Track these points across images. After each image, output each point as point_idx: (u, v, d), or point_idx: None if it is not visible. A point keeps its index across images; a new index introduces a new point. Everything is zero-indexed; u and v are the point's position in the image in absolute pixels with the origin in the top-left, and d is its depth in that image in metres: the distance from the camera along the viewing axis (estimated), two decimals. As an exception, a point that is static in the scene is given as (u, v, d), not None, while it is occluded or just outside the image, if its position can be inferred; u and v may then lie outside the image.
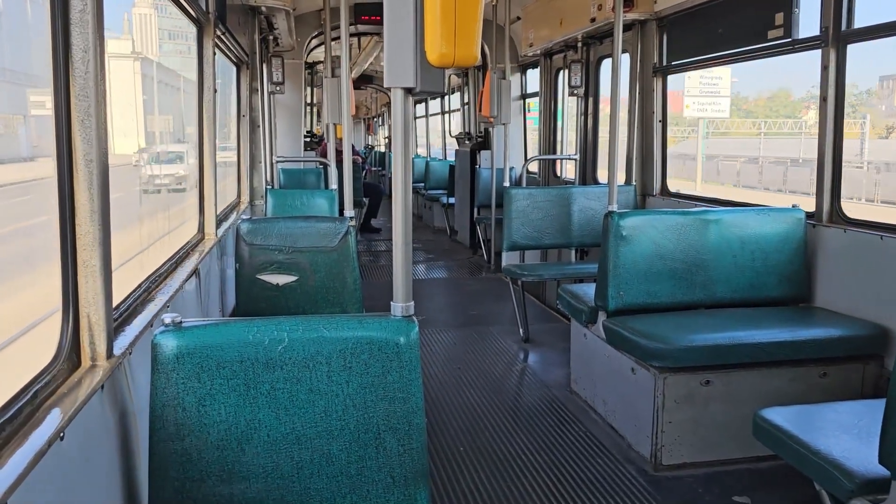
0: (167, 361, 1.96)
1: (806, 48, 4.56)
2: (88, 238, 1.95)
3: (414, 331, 2.07)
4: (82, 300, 1.96)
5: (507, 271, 6.23)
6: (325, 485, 2.04)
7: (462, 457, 3.93)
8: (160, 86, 5.82)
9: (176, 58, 5.88)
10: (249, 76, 6.76)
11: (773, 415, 2.84)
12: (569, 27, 7.28)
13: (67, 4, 1.86)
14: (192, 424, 1.97)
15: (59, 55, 1.87)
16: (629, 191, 6.37)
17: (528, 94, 9.86)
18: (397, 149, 2.06)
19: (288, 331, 2.02)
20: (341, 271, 4.11)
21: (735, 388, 3.77)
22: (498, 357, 5.69)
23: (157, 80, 5.98)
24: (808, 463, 2.56)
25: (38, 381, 1.75)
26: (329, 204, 6.21)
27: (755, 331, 3.78)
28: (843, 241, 4.12)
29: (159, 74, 5.75)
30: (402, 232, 2.07)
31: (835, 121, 4.21)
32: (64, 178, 1.91)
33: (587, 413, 4.51)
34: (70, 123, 1.89)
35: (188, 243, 4.07)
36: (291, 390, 2.02)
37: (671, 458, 3.76)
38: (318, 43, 10.08)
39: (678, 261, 4.26)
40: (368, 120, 27.58)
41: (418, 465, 2.08)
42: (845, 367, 3.83)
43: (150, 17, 5.08)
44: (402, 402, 2.06)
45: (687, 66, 6.09)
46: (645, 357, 3.79)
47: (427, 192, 13.83)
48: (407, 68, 1.97)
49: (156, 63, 5.40)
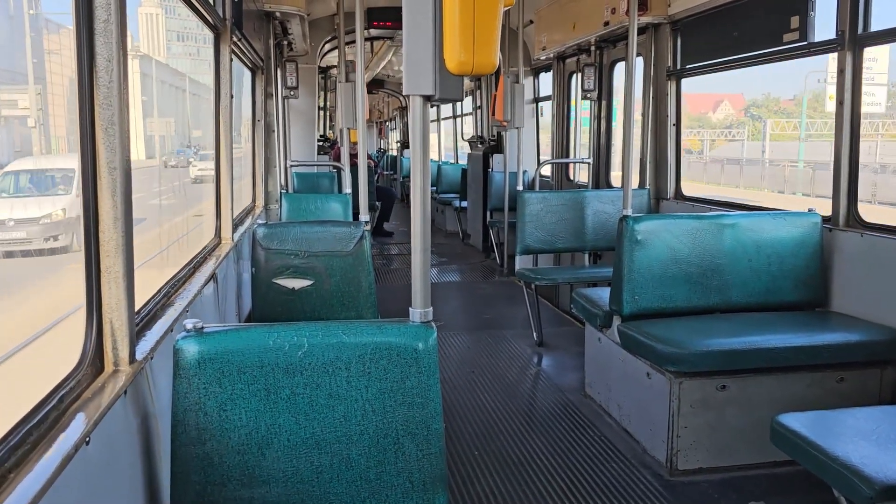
0: (189, 367, 1.98)
1: (822, 51, 4.55)
2: (112, 244, 1.97)
3: (432, 336, 2.08)
4: (105, 306, 1.99)
5: (520, 275, 6.23)
6: (344, 489, 2.06)
7: (477, 461, 3.94)
8: (164, 87, 5.67)
9: (184, 59, 5.79)
10: (264, 81, 6.81)
11: (790, 420, 2.83)
12: (582, 31, 7.28)
13: (92, 15, 1.89)
14: (213, 429, 1.99)
15: (83, 64, 1.90)
16: (643, 194, 6.36)
17: (541, 97, 9.87)
18: (416, 155, 2.07)
19: (308, 336, 2.04)
20: (356, 275, 4.13)
21: (751, 393, 3.75)
22: (512, 361, 5.69)
23: (161, 81, 5.92)
24: (826, 469, 2.55)
25: (64, 386, 1.78)
26: (343, 208, 6.25)
27: (771, 335, 3.77)
28: (860, 245, 4.10)
29: (162, 74, 5.67)
30: (421, 238, 2.09)
31: (851, 124, 4.19)
32: (88, 185, 1.93)
33: (602, 417, 4.51)
34: (94, 131, 1.92)
35: (206, 248, 4.10)
36: (311, 395, 2.03)
37: (687, 463, 3.75)
38: (331, 48, 10.13)
39: (693, 265, 4.25)
40: (380, 124, 27.66)
41: (437, 470, 2.10)
42: (863, 372, 3.81)
43: (158, 17, 5.02)
44: (420, 408, 2.07)
45: (701, 70, 6.07)
46: (660, 361, 3.78)
47: (439, 196, 13.86)
48: (426, 76, 1.98)
49: (154, 62, 5.26)
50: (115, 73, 1.93)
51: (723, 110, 38.93)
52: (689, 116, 32.98)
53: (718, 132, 36.35)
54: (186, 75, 7.52)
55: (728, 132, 35.75)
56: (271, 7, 6.33)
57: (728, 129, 35.58)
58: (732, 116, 36.33)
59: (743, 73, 20.59)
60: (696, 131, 35.10)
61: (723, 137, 35.97)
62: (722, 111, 38.96)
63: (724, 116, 38.37)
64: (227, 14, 4.42)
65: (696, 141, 34.48)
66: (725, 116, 38.42)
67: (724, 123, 34.78)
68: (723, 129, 36.29)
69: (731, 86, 26.71)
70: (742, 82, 41.22)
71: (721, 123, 34.86)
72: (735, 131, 35.89)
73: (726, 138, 35.80)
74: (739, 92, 37.47)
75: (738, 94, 36.87)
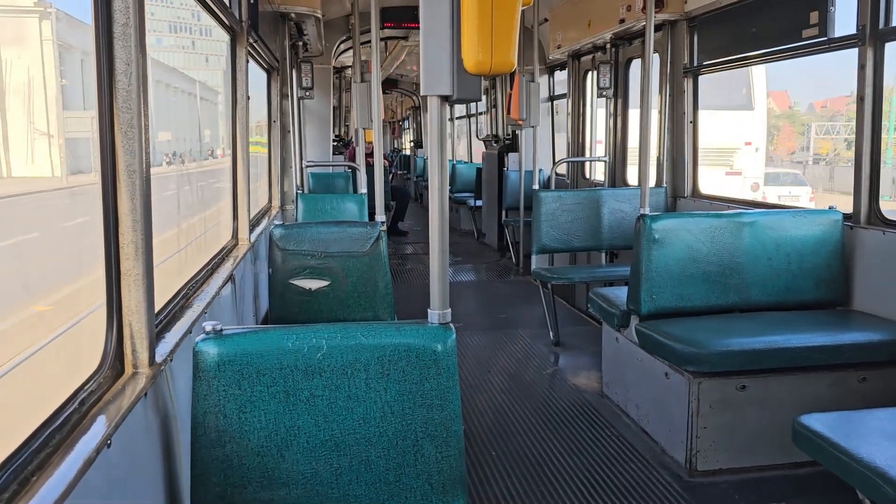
0: (208, 369, 1.98)
1: (842, 47, 4.49)
2: (131, 247, 1.98)
3: (451, 338, 2.07)
4: (125, 308, 1.99)
5: (536, 274, 6.21)
6: (363, 491, 2.06)
7: (495, 461, 3.93)
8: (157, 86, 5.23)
9: (178, 54, 5.39)
10: (280, 82, 6.83)
11: (812, 421, 2.79)
12: (597, 28, 7.24)
13: (111, 19, 1.90)
14: (233, 431, 1.99)
15: (102, 68, 1.91)
16: (660, 193, 6.32)
17: (556, 95, 9.83)
18: (433, 156, 2.07)
19: (326, 338, 2.04)
20: (373, 276, 4.13)
21: (772, 394, 3.71)
22: (528, 361, 5.67)
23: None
24: (850, 471, 2.52)
25: (85, 389, 1.79)
26: (359, 208, 6.25)
27: (792, 335, 3.72)
28: (882, 242, 4.05)
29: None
30: (439, 239, 2.08)
31: (872, 121, 4.14)
32: (108, 189, 1.94)
33: (619, 417, 4.48)
34: (114, 135, 1.93)
35: (223, 249, 4.11)
36: (330, 397, 2.03)
37: (706, 464, 3.72)
38: (346, 48, 10.15)
39: (712, 264, 4.22)
40: (395, 124, 27.69)
41: (456, 472, 2.09)
42: (885, 371, 3.76)
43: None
44: (439, 409, 2.07)
45: (718, 67, 6.02)
46: (679, 362, 3.75)
47: (454, 195, 13.85)
48: (443, 76, 1.97)
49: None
50: (135, 76, 1.93)
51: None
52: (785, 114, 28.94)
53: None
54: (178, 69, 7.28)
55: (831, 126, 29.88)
56: (286, 8, 6.34)
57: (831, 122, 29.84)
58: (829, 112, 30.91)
59: (782, 68, 19.59)
60: (829, 127, 27.59)
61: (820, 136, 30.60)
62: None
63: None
64: (243, 16, 4.43)
65: (827, 142, 27.53)
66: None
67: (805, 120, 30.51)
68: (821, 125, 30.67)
69: (773, 83, 22.92)
70: (781, 79, 37.52)
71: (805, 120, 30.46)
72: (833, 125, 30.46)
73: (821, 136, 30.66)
74: (783, 89, 33.63)
75: (783, 92, 33.39)
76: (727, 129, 15.95)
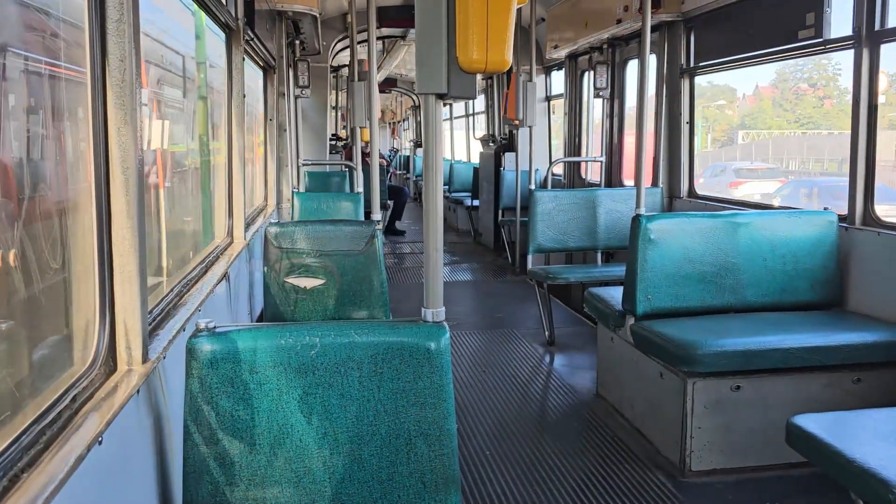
0: (201, 366, 1.98)
1: (838, 48, 4.50)
2: (125, 244, 1.97)
3: (445, 336, 2.07)
4: (118, 305, 1.99)
5: (532, 274, 6.21)
6: (356, 489, 2.05)
7: (489, 461, 3.92)
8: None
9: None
10: (276, 80, 6.82)
11: (806, 422, 2.80)
12: (594, 29, 7.25)
13: (104, 14, 1.89)
14: (225, 428, 1.99)
15: (96, 64, 1.90)
16: (656, 193, 6.32)
17: (553, 95, 9.83)
18: (428, 154, 2.06)
19: (320, 336, 2.03)
20: (368, 275, 4.13)
21: (766, 394, 3.72)
22: (523, 360, 5.67)
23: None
24: (844, 472, 2.52)
25: (77, 386, 1.78)
26: (355, 207, 6.25)
27: (786, 335, 3.73)
28: (877, 243, 4.05)
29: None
30: (434, 238, 2.08)
31: (868, 122, 4.15)
32: (101, 185, 1.94)
33: (614, 417, 4.48)
34: (107, 131, 1.92)
35: (218, 247, 4.11)
36: (323, 395, 2.03)
37: (700, 465, 3.72)
38: (343, 47, 10.14)
39: (707, 264, 4.22)
40: (393, 124, 27.69)
41: (449, 471, 2.08)
42: (880, 372, 3.76)
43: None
44: (433, 408, 2.06)
45: (715, 67, 6.03)
46: (673, 362, 3.75)
47: (451, 195, 13.86)
48: (438, 74, 1.97)
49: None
50: (128, 72, 1.93)
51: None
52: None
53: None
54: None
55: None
56: (283, 6, 6.33)
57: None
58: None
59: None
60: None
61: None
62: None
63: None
64: (238, 14, 4.42)
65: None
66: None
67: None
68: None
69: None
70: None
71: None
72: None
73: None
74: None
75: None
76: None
